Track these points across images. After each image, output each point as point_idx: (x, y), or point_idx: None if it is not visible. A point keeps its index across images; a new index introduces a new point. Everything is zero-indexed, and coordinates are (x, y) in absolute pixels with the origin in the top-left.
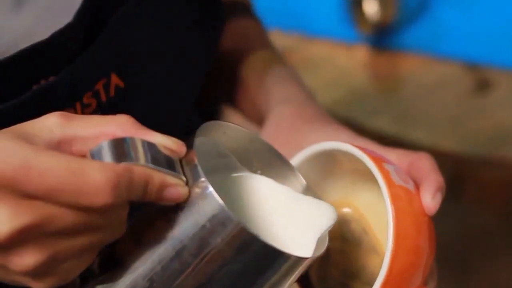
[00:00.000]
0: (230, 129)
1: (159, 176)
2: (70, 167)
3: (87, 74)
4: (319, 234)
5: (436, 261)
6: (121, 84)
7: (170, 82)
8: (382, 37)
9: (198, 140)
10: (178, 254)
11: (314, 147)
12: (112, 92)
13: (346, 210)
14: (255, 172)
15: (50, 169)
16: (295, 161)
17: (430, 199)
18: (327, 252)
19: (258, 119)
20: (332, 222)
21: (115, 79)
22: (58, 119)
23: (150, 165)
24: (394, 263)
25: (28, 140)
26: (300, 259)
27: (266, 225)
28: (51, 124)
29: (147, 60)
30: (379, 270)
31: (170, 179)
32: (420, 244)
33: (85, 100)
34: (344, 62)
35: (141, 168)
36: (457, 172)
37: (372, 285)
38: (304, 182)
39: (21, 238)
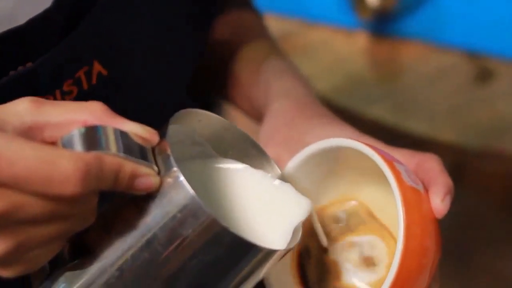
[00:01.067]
0: (205, 117)
1: (130, 166)
2: (40, 156)
3: (67, 61)
4: (294, 226)
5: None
6: (104, 72)
7: (157, 71)
8: (383, 23)
9: (172, 128)
10: (148, 243)
11: (322, 143)
12: (94, 80)
13: (352, 203)
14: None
15: (20, 158)
16: (301, 156)
17: (440, 202)
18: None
19: (254, 113)
20: (307, 214)
21: (98, 67)
22: (29, 104)
23: (122, 154)
24: (403, 264)
25: None
26: (272, 252)
27: (241, 214)
28: (22, 109)
29: (133, 48)
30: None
31: (141, 168)
32: (428, 246)
33: (65, 88)
34: (344, 48)
35: (112, 157)
36: (457, 163)
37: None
38: (279, 171)
39: None
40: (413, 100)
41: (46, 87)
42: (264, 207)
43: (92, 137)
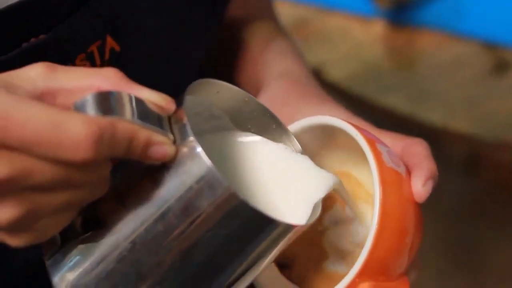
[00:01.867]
0: (223, 88)
1: (145, 133)
2: (51, 119)
3: (80, 34)
4: (314, 201)
5: (449, 242)
6: (117, 48)
7: (170, 48)
8: (400, 12)
9: (189, 99)
10: (163, 216)
11: (309, 119)
12: (107, 56)
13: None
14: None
15: (30, 120)
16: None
17: (420, 186)
18: None
19: (256, 93)
20: (329, 189)
21: (110, 42)
22: (42, 69)
23: (136, 120)
24: (377, 244)
25: (10, 90)
26: (290, 227)
27: (260, 187)
28: (35, 74)
29: (146, 24)
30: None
31: (156, 136)
32: (406, 229)
33: (78, 63)
34: (360, 36)
35: (126, 123)
36: (471, 154)
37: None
38: (299, 147)
39: None
40: (428, 90)
41: (58, 61)
42: (284, 181)
43: (106, 102)
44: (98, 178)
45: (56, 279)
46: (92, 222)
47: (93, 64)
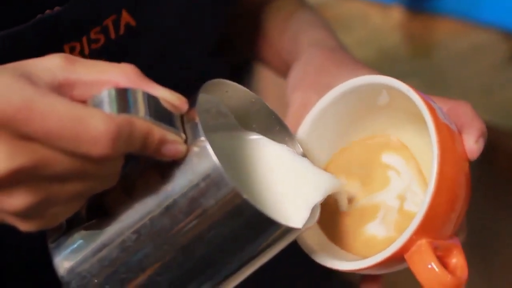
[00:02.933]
0: (232, 88)
1: (159, 131)
2: (72, 113)
3: (95, 8)
4: (313, 204)
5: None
6: (132, 23)
7: (185, 26)
8: None
9: (201, 98)
10: (168, 210)
11: (360, 79)
12: (122, 30)
13: (388, 140)
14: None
15: (52, 113)
16: (333, 93)
17: (473, 143)
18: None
19: (283, 68)
20: (328, 192)
21: (126, 17)
22: (61, 60)
23: (151, 119)
24: (435, 201)
25: (30, 79)
26: (291, 230)
27: (261, 186)
28: (54, 65)
29: (163, 2)
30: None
31: (169, 135)
32: (460, 186)
33: (93, 36)
34: (378, 22)
35: (142, 121)
36: (488, 143)
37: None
38: (301, 149)
39: (14, 179)
40: (445, 77)
41: (72, 33)
42: (285, 182)
43: (123, 99)
44: (111, 172)
45: (57, 261)
46: (98, 210)
47: (107, 38)
